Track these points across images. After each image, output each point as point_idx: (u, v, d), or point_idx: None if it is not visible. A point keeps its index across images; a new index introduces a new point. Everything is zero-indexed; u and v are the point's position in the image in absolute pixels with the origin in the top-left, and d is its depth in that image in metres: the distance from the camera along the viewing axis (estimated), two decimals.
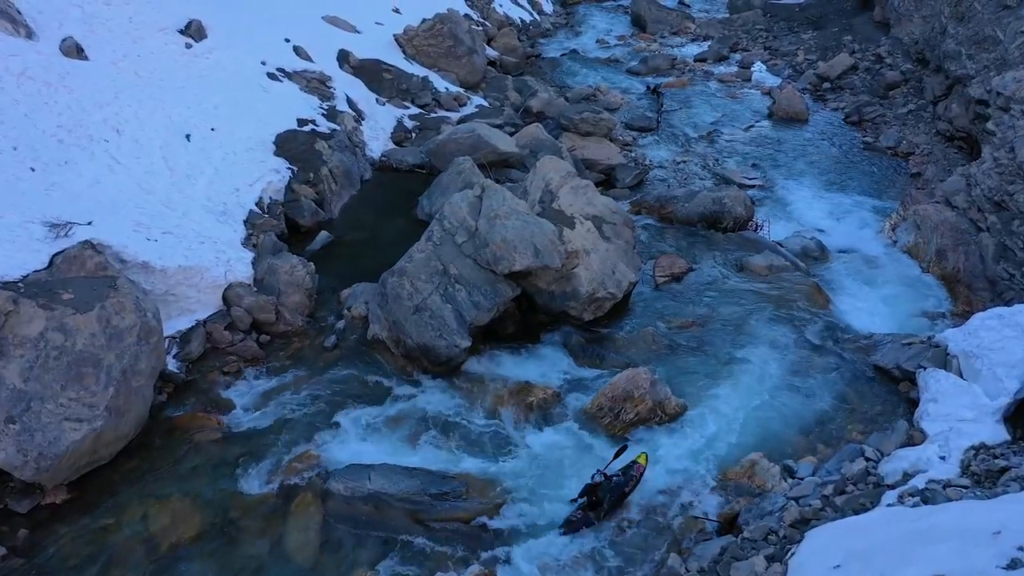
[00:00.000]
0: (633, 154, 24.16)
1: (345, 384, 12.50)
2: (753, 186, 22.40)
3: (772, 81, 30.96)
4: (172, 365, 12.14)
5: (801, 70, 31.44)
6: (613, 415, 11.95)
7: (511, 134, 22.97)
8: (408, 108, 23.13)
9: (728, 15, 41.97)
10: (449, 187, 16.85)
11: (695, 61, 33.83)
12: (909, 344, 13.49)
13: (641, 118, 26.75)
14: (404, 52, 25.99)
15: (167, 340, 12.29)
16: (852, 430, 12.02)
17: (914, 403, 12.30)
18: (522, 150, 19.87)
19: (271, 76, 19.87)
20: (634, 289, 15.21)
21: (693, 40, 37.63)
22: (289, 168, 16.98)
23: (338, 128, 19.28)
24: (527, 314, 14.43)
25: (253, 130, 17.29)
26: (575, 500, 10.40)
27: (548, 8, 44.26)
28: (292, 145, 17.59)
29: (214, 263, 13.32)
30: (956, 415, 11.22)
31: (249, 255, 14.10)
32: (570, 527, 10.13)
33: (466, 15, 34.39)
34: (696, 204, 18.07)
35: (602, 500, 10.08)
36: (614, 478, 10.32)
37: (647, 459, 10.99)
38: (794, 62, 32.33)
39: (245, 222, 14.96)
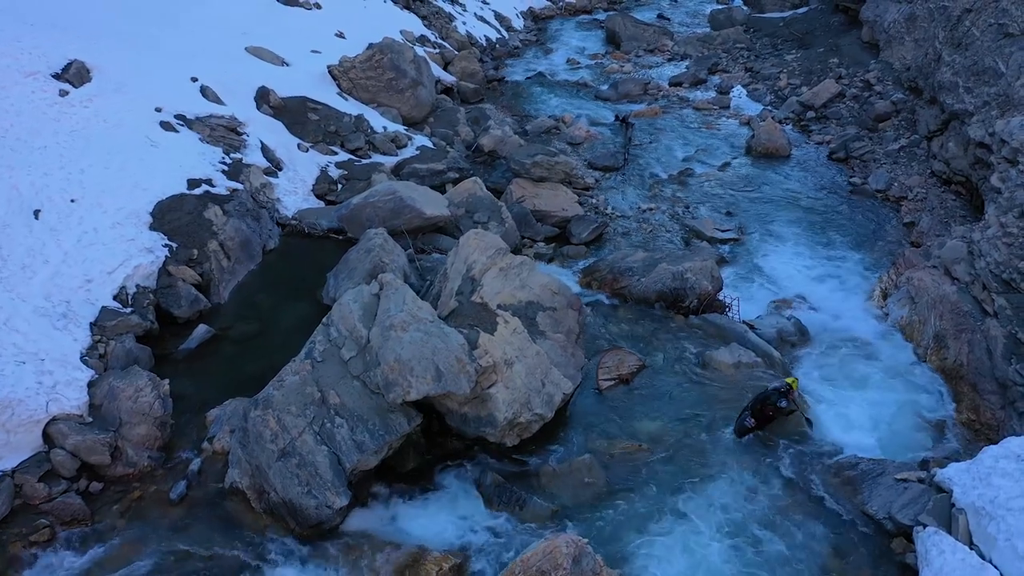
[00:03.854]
0: (594, 200, 21.55)
1: (186, 556, 9.78)
2: (727, 240, 19.85)
3: (752, 108, 28.40)
4: None
5: (783, 96, 28.84)
6: None
7: (455, 180, 20.38)
8: (336, 154, 20.38)
9: (709, 30, 39.39)
10: (356, 268, 14.17)
11: (670, 85, 31.27)
12: (904, 482, 10.90)
13: (606, 155, 24.14)
14: (339, 86, 23.27)
15: None
16: None
17: (911, 570, 9.73)
18: (456, 210, 17.19)
19: (165, 126, 17.08)
20: (573, 396, 12.60)
21: (670, 60, 35.07)
22: (167, 245, 14.24)
23: (240, 187, 16.55)
24: (437, 437, 11.78)
25: (127, 199, 14.53)
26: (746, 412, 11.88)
27: (518, 24, 41.61)
28: (175, 215, 14.84)
29: (33, 391, 10.60)
30: None
31: (87, 374, 11.35)
32: (743, 433, 11.87)
33: (422, 36, 31.75)
34: (654, 279, 15.39)
35: (772, 418, 11.78)
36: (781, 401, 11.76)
37: (797, 382, 12.55)
38: (776, 87, 29.71)
39: (92, 325, 12.20)
